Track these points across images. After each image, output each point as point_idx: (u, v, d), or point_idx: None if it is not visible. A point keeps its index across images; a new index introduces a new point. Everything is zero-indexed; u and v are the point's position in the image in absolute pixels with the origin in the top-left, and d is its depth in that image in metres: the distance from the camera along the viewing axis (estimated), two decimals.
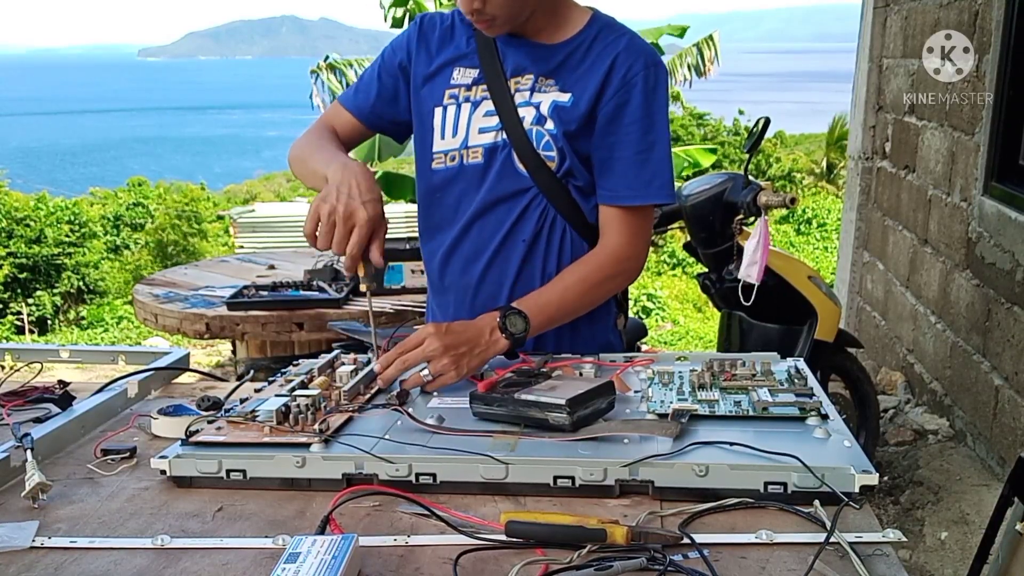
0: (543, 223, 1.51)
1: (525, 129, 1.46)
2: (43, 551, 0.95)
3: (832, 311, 2.83)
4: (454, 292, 1.58)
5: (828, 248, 14.07)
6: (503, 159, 1.49)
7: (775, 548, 0.91)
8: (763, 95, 74.86)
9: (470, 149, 1.51)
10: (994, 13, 3.00)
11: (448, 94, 1.52)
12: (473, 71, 1.51)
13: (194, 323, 2.92)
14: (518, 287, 1.52)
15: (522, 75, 1.48)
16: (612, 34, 1.48)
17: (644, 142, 1.45)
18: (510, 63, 1.49)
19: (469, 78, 1.51)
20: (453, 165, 1.52)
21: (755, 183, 2.73)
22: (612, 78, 1.44)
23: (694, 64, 9.58)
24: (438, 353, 1.29)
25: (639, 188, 1.46)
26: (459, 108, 1.51)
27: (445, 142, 1.52)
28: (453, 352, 1.30)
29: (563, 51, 1.47)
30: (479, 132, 1.50)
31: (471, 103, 1.50)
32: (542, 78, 1.47)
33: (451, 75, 1.53)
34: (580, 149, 1.47)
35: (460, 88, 1.51)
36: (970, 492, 2.87)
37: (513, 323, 1.37)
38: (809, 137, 27.38)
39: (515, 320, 1.38)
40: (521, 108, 1.47)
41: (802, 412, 1.15)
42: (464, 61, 1.52)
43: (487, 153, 1.49)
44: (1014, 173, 2.96)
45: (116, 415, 1.38)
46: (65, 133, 77.01)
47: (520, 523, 0.92)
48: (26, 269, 16.22)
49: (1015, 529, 1.33)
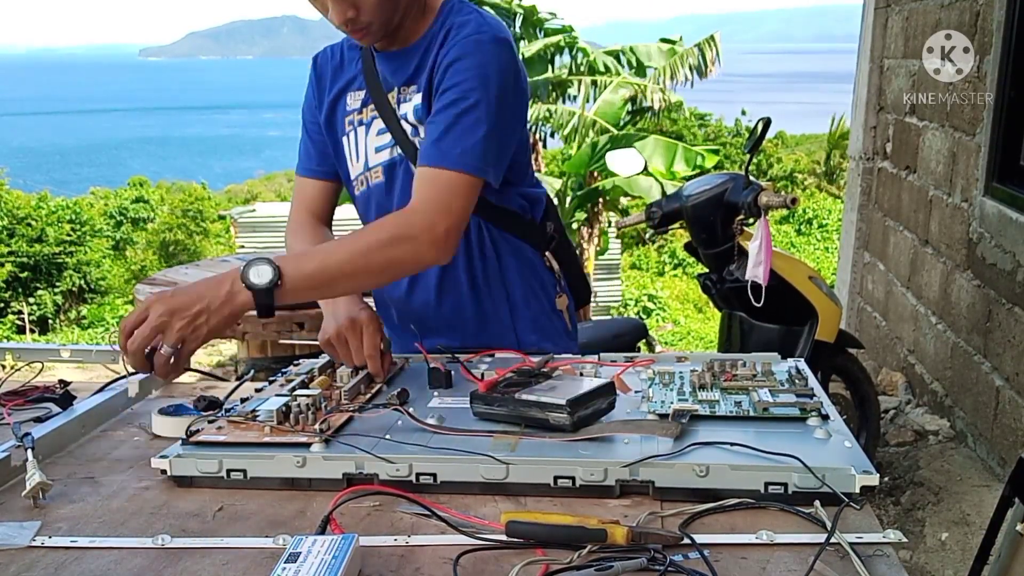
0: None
1: (411, 140, 1.46)
2: (43, 550, 0.95)
3: (833, 312, 2.83)
4: (392, 307, 1.61)
5: (829, 248, 14.08)
6: (403, 173, 1.49)
7: (775, 548, 0.91)
8: (764, 96, 74.83)
9: (371, 171, 1.52)
10: (995, 13, 3.00)
11: (347, 121, 1.54)
12: (361, 93, 1.51)
13: None
14: (444, 291, 1.53)
15: (391, 90, 1.48)
16: (462, 15, 1.42)
17: (456, 108, 1.35)
18: (382, 77, 1.49)
19: (359, 101, 1.52)
20: (364, 189, 1.54)
21: (756, 183, 2.72)
22: (442, 53, 1.39)
23: (695, 65, 9.59)
24: (167, 318, 1.16)
25: (439, 153, 1.35)
26: (356, 132, 1.52)
27: (355, 168, 1.55)
28: (185, 314, 1.17)
29: (416, 53, 1.45)
30: (375, 151, 1.51)
31: (364, 125, 1.51)
32: (403, 88, 1.46)
33: (346, 102, 1.53)
34: None
35: (354, 113, 1.53)
36: (971, 493, 2.87)
37: (258, 273, 1.19)
38: (810, 138, 27.38)
39: (261, 269, 1.20)
40: (403, 121, 1.47)
41: (803, 413, 1.15)
42: (353, 85, 1.53)
43: (386, 171, 1.50)
44: (1015, 174, 2.96)
45: (117, 415, 1.38)
46: (66, 133, 77.04)
47: (520, 523, 0.92)
48: (27, 268, 16.22)
49: (1016, 530, 1.33)
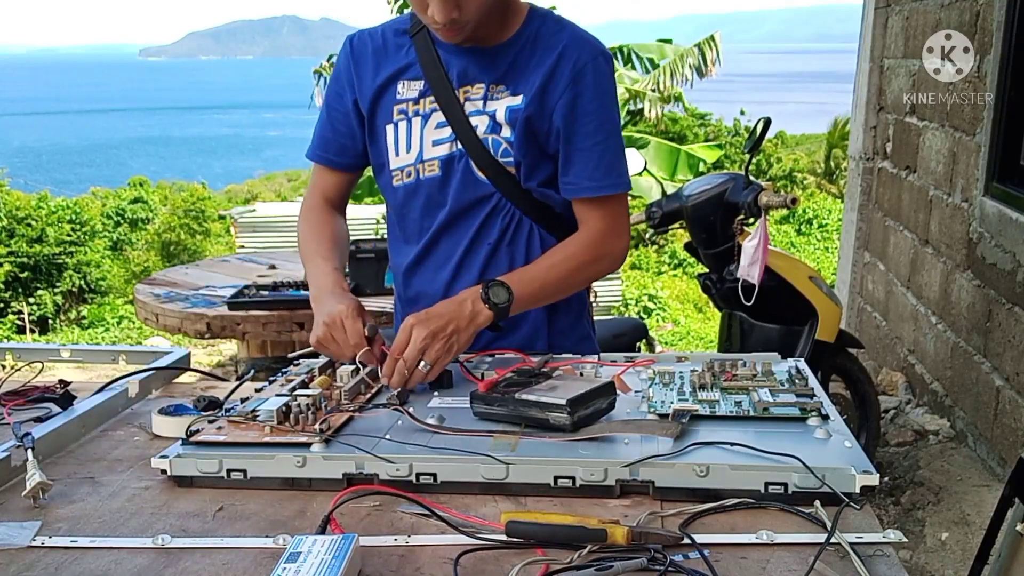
0: (509, 225, 1.52)
1: (480, 138, 1.46)
2: (43, 550, 0.95)
3: (833, 311, 2.83)
4: (423, 301, 1.59)
5: (829, 248, 14.07)
6: (462, 169, 1.49)
7: (775, 548, 0.91)
8: (764, 95, 74.82)
9: (426, 163, 1.51)
10: (995, 13, 3.00)
11: (397, 110, 1.52)
12: (418, 83, 1.50)
13: (195, 323, 2.92)
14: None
15: (471, 84, 1.48)
16: (553, 26, 1.47)
17: (600, 133, 1.45)
18: (455, 72, 1.48)
19: (415, 91, 1.51)
20: (410, 180, 1.53)
21: (756, 183, 2.73)
22: (561, 71, 1.43)
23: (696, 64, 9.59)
24: (430, 341, 1.29)
25: (599, 179, 1.47)
26: (410, 123, 1.51)
27: (400, 158, 1.53)
28: (442, 335, 1.31)
29: (508, 53, 1.46)
30: (433, 145, 1.50)
31: (421, 116, 1.50)
32: (493, 85, 1.47)
33: (396, 90, 1.52)
34: (539, 147, 1.47)
35: (408, 103, 1.51)
36: (971, 493, 2.87)
37: (496, 293, 1.37)
38: (810, 137, 27.38)
39: (498, 291, 1.37)
40: (473, 117, 1.46)
41: (803, 412, 1.15)
42: (407, 74, 1.52)
43: (443, 165, 1.50)
44: (1015, 173, 2.96)
45: (117, 415, 1.38)
46: (66, 133, 76.98)
47: (520, 523, 0.92)
48: (27, 268, 16.20)
49: (1016, 530, 1.33)
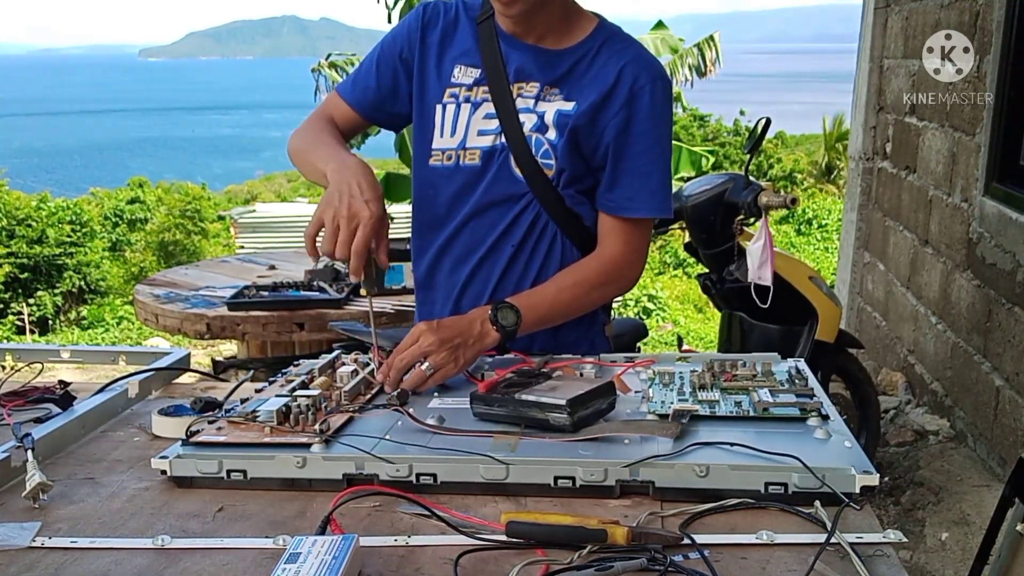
0: (534, 228, 1.51)
1: (525, 135, 1.46)
2: (43, 551, 0.95)
3: (833, 312, 2.83)
4: (441, 290, 1.59)
5: (829, 248, 14.05)
6: (500, 163, 1.48)
7: (775, 549, 0.91)
8: (764, 95, 74.78)
9: (467, 150, 1.50)
10: (995, 13, 3.00)
11: (449, 92, 1.51)
12: (475, 71, 1.50)
13: (195, 323, 2.92)
14: (499, 290, 1.52)
15: (527, 81, 1.47)
16: (618, 43, 1.48)
17: (649, 155, 1.46)
18: (513, 66, 1.48)
19: (471, 78, 1.50)
20: (449, 164, 1.51)
21: (756, 183, 2.73)
22: (619, 89, 1.44)
23: (695, 64, 9.57)
24: (435, 347, 1.31)
25: (642, 201, 1.48)
26: (459, 108, 1.50)
27: (443, 140, 1.52)
28: (449, 344, 1.32)
29: (569, 59, 1.47)
30: (478, 134, 1.49)
31: (471, 104, 1.49)
32: (547, 87, 1.47)
33: (452, 72, 1.51)
34: (582, 157, 1.47)
35: (461, 88, 1.50)
36: (971, 493, 2.87)
37: (504, 316, 1.39)
38: (810, 138, 27.36)
39: (506, 313, 1.40)
40: (523, 114, 1.46)
41: (803, 413, 1.15)
42: (466, 59, 1.51)
43: (484, 156, 1.49)
44: (1015, 174, 2.96)
45: (117, 415, 1.38)
46: (66, 133, 76.95)
47: (521, 523, 0.92)
48: (27, 269, 16.20)
49: (1016, 530, 1.33)
